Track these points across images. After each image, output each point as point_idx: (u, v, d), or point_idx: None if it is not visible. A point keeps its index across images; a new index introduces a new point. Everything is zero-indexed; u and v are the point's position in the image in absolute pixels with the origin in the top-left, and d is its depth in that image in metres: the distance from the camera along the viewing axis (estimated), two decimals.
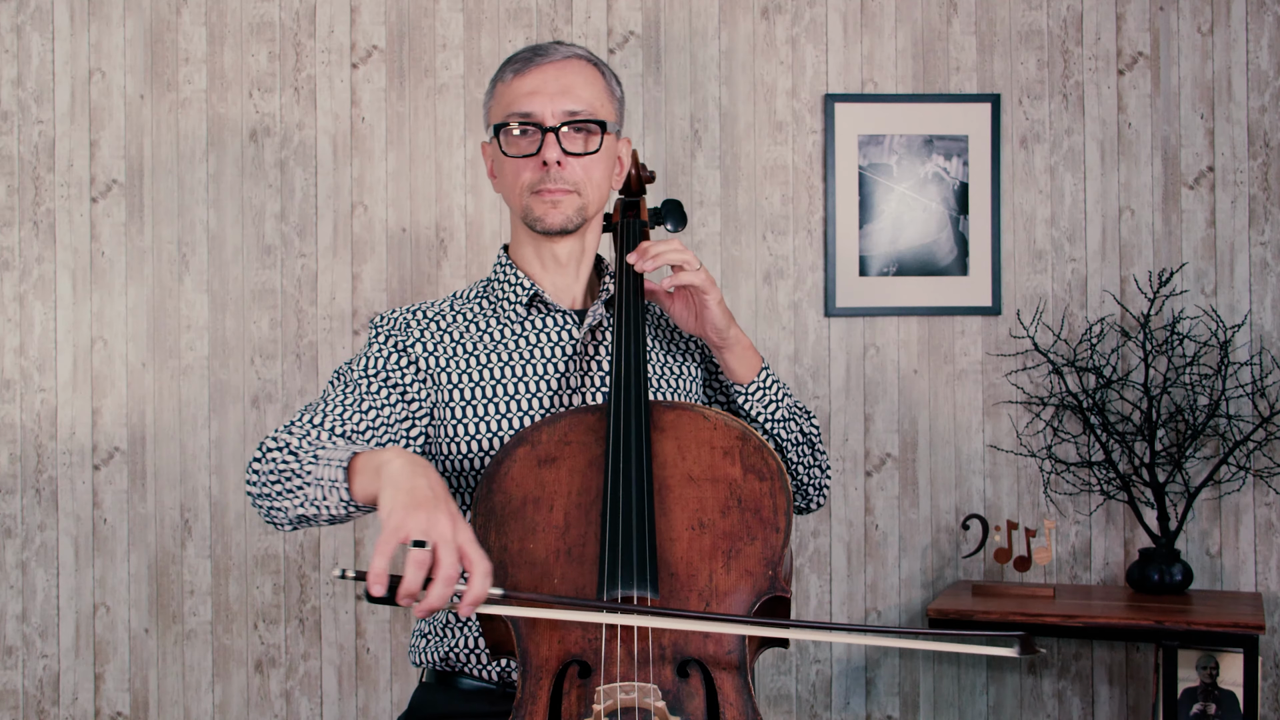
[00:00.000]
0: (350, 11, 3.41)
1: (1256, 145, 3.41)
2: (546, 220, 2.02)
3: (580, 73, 2.02)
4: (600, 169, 2.04)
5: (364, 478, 1.74)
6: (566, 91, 1.99)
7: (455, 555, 1.57)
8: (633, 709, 1.66)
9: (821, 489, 2.23)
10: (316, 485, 1.79)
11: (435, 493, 1.63)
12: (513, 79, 2.01)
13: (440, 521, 1.58)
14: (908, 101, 3.41)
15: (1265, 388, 3.37)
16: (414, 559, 1.55)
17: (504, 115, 2.01)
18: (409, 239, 3.40)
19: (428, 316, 2.08)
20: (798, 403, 2.19)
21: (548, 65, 2.00)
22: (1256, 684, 3.04)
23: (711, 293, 2.02)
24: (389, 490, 1.64)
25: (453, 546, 1.57)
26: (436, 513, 1.59)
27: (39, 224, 3.37)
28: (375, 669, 3.41)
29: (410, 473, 1.66)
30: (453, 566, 1.56)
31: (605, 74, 2.07)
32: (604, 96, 2.04)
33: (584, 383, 2.04)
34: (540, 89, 1.99)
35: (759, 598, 1.76)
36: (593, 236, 2.12)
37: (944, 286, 3.42)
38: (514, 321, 2.07)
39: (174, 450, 3.38)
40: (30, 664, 3.38)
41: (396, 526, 1.58)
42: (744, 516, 1.80)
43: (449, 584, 1.56)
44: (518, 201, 2.04)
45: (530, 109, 1.99)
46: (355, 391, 1.98)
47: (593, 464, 1.84)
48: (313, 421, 1.92)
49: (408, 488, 1.63)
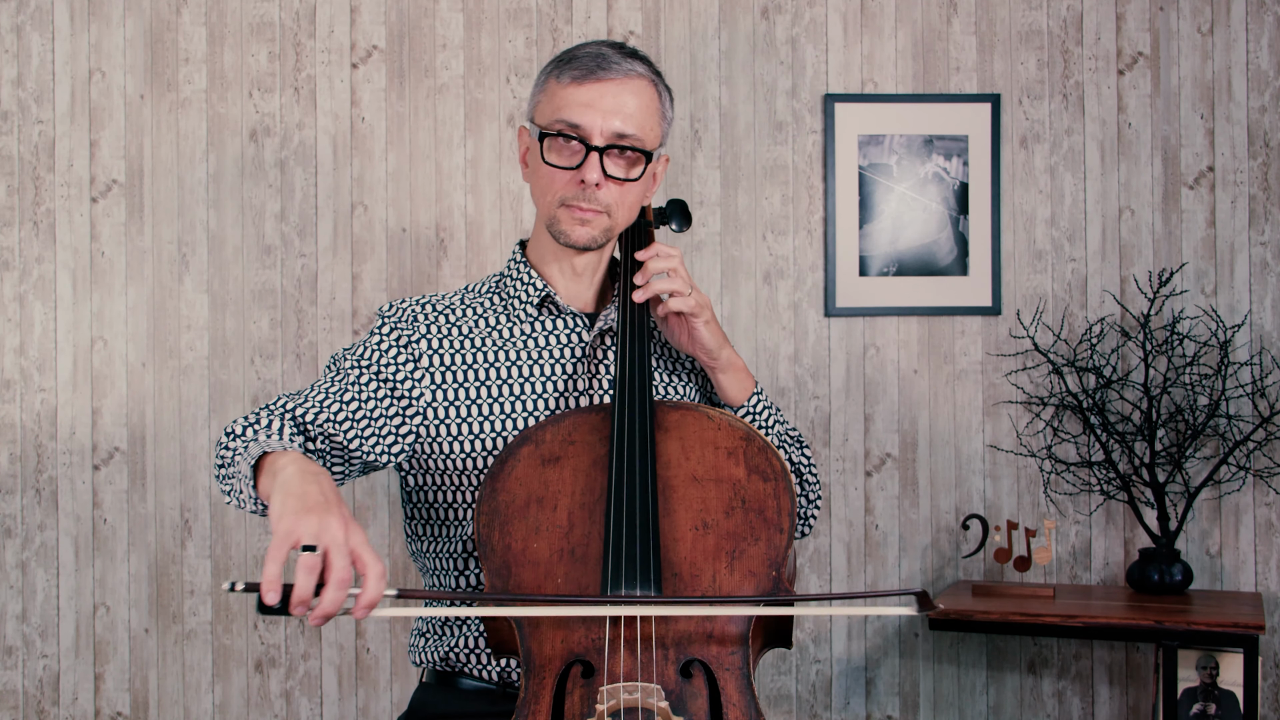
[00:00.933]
0: (350, 11, 3.41)
1: (1256, 145, 3.41)
2: (572, 236, 1.99)
3: (638, 95, 1.97)
4: (635, 195, 2.01)
5: (265, 478, 1.73)
6: (619, 111, 1.95)
7: (347, 558, 1.55)
8: (636, 709, 1.67)
9: (807, 519, 2.21)
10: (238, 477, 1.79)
11: (326, 497, 1.61)
12: (569, 84, 1.96)
13: (331, 525, 1.56)
14: (908, 101, 3.42)
15: (1265, 388, 3.37)
16: (303, 564, 1.52)
17: (552, 119, 1.97)
18: (409, 239, 3.40)
19: (437, 310, 2.07)
20: (790, 430, 2.18)
21: (608, 81, 1.96)
22: (1256, 684, 3.04)
23: (700, 315, 2.01)
24: (279, 495, 1.62)
25: (344, 549, 1.55)
26: (328, 516, 1.57)
27: (39, 224, 3.37)
28: (375, 669, 3.40)
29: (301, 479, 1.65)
30: (344, 570, 1.54)
31: (662, 95, 2.02)
32: (655, 119, 2.00)
33: (590, 385, 2.04)
34: (595, 103, 1.95)
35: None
36: (610, 247, 2.11)
37: (944, 286, 3.43)
38: (524, 321, 2.07)
39: (174, 450, 3.38)
40: (30, 664, 3.37)
41: (287, 531, 1.55)
42: (748, 517, 1.81)
43: (342, 587, 1.53)
44: (547, 210, 2.00)
45: (580, 121, 1.95)
46: (343, 381, 1.97)
47: (597, 464, 1.84)
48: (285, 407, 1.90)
49: (299, 493, 1.61)
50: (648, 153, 1.99)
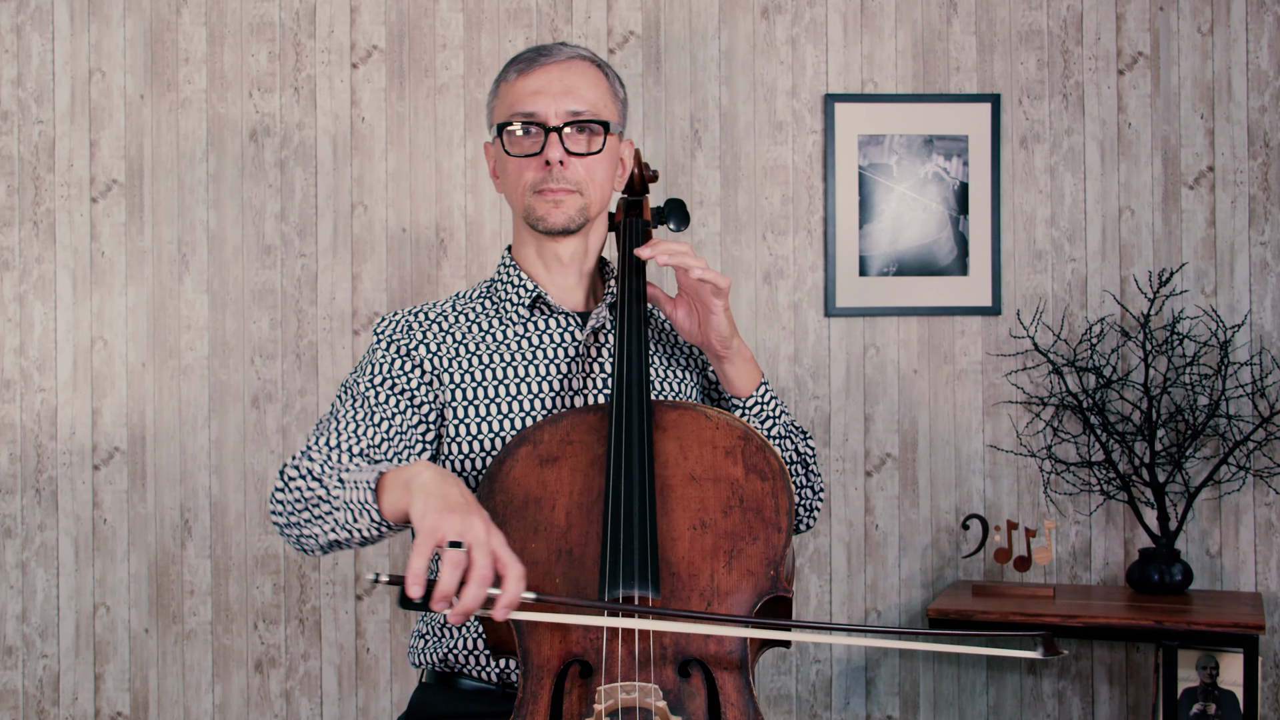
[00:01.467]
0: (350, 11, 3.41)
1: (1256, 145, 3.41)
2: (549, 220, 2.02)
3: (584, 73, 2.03)
4: (603, 169, 2.04)
5: (393, 494, 1.74)
6: (570, 92, 2.00)
7: (489, 557, 1.57)
8: (634, 709, 1.66)
9: (812, 510, 2.22)
10: (346, 509, 1.79)
11: (467, 499, 1.64)
12: (516, 79, 2.02)
13: (475, 524, 1.59)
14: (908, 101, 3.42)
15: (1265, 388, 3.37)
16: (450, 559, 1.55)
17: (507, 114, 2.02)
18: (409, 239, 3.40)
19: (430, 318, 2.08)
20: (794, 421, 2.19)
21: (552, 65, 2.01)
22: (1256, 684, 3.04)
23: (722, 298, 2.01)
24: (421, 497, 1.65)
25: (487, 549, 1.58)
26: (470, 516, 1.60)
27: (39, 224, 3.37)
28: (375, 669, 3.41)
29: (441, 481, 1.67)
30: (487, 568, 1.56)
31: (609, 75, 2.07)
32: (607, 97, 2.05)
33: (586, 384, 2.04)
34: (544, 89, 2.00)
35: (760, 597, 1.76)
36: (595, 237, 2.12)
37: (944, 286, 3.43)
38: (516, 323, 2.07)
39: (174, 450, 3.38)
40: (30, 664, 3.37)
41: (432, 528, 1.58)
42: (746, 516, 1.80)
43: (483, 585, 1.56)
44: (520, 201, 2.04)
45: (534, 108, 2.00)
46: (365, 405, 1.98)
47: (594, 463, 1.84)
48: (329, 443, 1.92)
49: (440, 494, 1.64)
50: (605, 123, 2.01)
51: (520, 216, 2.06)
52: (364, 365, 2.04)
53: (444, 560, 1.55)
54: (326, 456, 1.89)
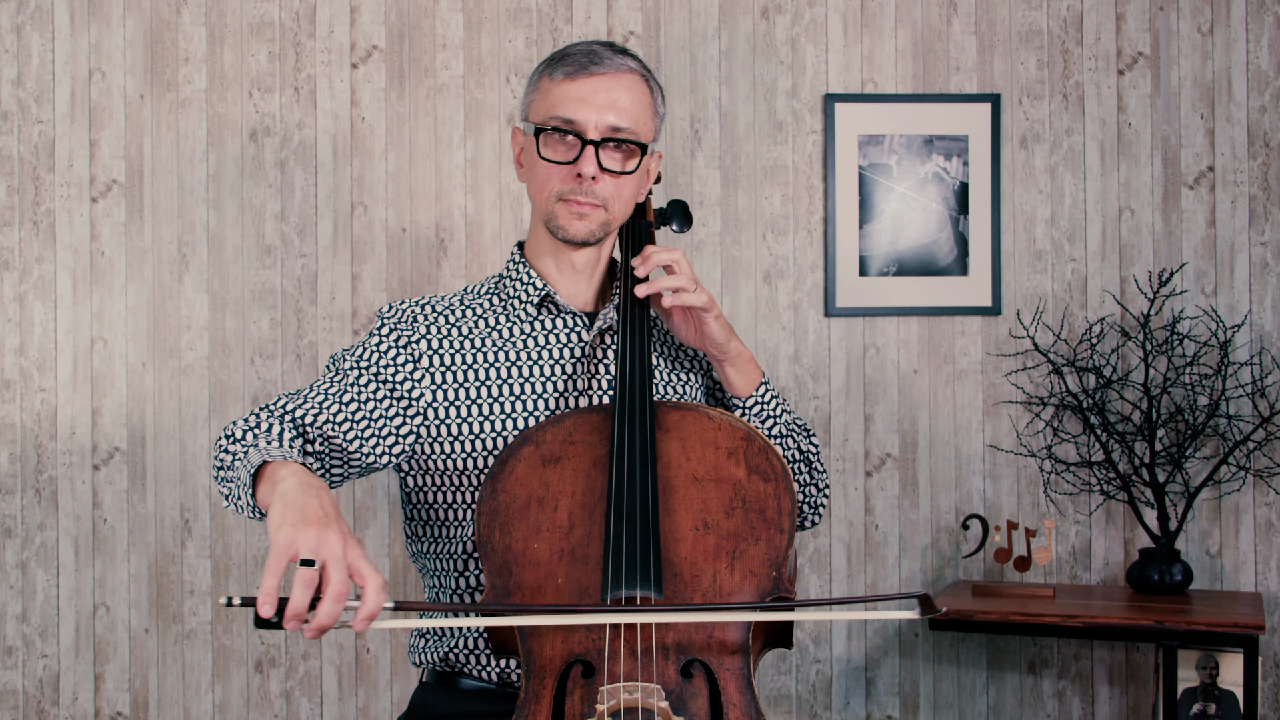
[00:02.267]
0: (350, 11, 3.41)
1: (1256, 145, 3.41)
2: (570, 231, 2.01)
3: (630, 89, 2.00)
4: (631, 187, 2.03)
5: (265, 487, 1.72)
6: (613, 105, 1.98)
7: (345, 572, 1.54)
8: (636, 709, 1.67)
9: (818, 507, 2.22)
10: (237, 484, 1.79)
11: (326, 511, 1.60)
12: (562, 80, 1.99)
13: (330, 539, 1.55)
14: (908, 101, 3.42)
15: (1265, 388, 3.37)
16: (300, 577, 1.51)
17: (546, 115, 1.99)
18: (409, 239, 3.40)
19: (437, 311, 2.08)
20: (797, 419, 2.19)
21: (600, 76, 1.98)
22: (1256, 684, 3.04)
23: (711, 310, 2.02)
24: (278, 506, 1.62)
25: (342, 563, 1.54)
26: (326, 530, 1.56)
27: (39, 224, 3.37)
28: (375, 669, 3.40)
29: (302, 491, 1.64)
30: (342, 584, 1.53)
31: (654, 90, 2.05)
32: (648, 114, 2.03)
33: (590, 385, 2.04)
34: (588, 98, 1.97)
35: (763, 598, 1.76)
36: (609, 244, 2.12)
37: (944, 286, 3.43)
38: (523, 321, 2.07)
39: (174, 450, 3.38)
40: (30, 664, 3.37)
41: (286, 543, 1.55)
42: (748, 517, 1.81)
43: (338, 601, 1.53)
44: (544, 205, 2.02)
45: (575, 116, 1.97)
46: (342, 382, 1.97)
47: (597, 464, 1.84)
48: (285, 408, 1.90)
49: (298, 505, 1.60)
50: (642, 145, 2.00)
51: (541, 219, 2.05)
52: (359, 345, 2.04)
53: (295, 579, 1.51)
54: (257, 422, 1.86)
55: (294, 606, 1.51)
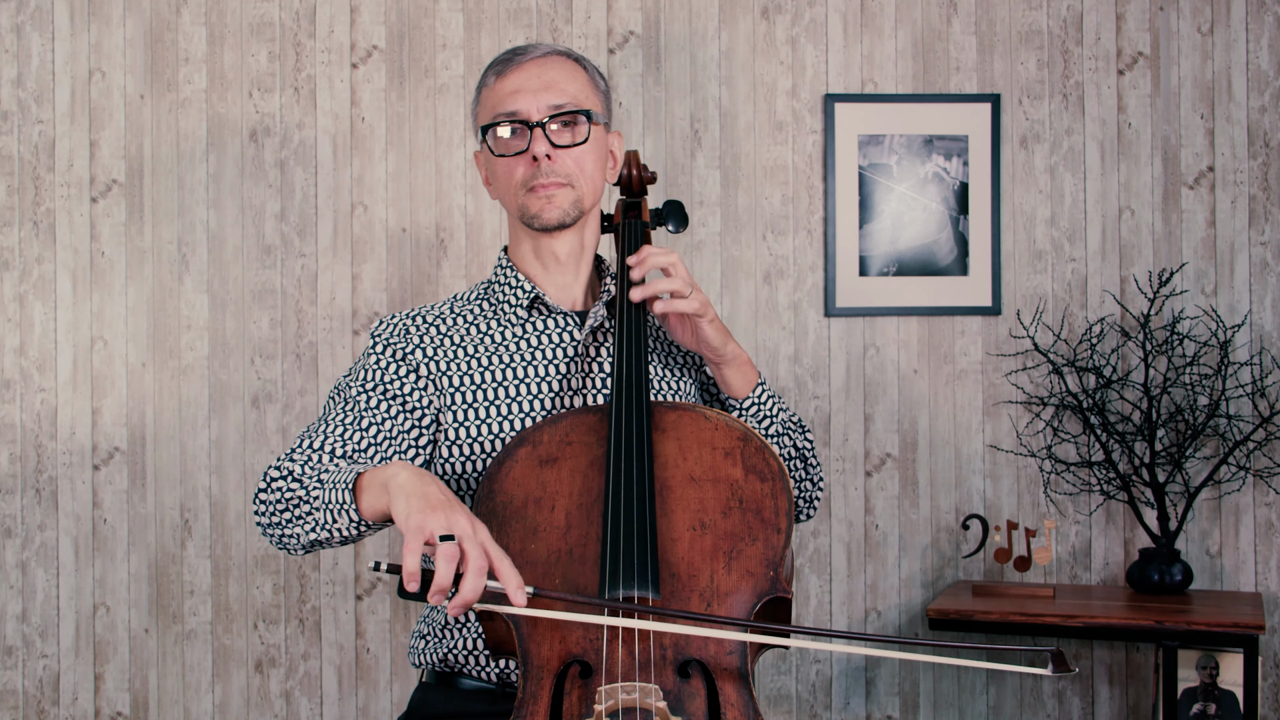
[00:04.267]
0: (350, 11, 3.41)
1: (1256, 145, 3.41)
2: (543, 216, 2.03)
3: (561, 68, 2.04)
4: (591, 159, 2.05)
5: (371, 494, 1.75)
6: (549, 87, 2.02)
7: (480, 549, 1.60)
8: (634, 709, 1.67)
9: (812, 501, 2.24)
10: (325, 509, 1.80)
11: (447, 496, 1.66)
12: (495, 81, 2.04)
13: (459, 520, 1.61)
14: (908, 101, 3.41)
15: (1265, 388, 3.37)
16: (444, 552, 1.58)
17: (490, 117, 2.04)
18: (409, 239, 3.40)
19: (427, 321, 2.08)
20: (792, 416, 2.19)
21: (528, 63, 2.03)
22: (1256, 684, 3.04)
23: (705, 315, 2.02)
24: (401, 498, 1.66)
25: (476, 541, 1.61)
26: (454, 513, 1.62)
27: (39, 224, 3.37)
28: (375, 669, 3.41)
29: (420, 481, 1.68)
30: (480, 558, 1.59)
31: (587, 68, 2.09)
32: (587, 89, 2.06)
33: (585, 384, 2.04)
34: (523, 86, 2.02)
35: (760, 598, 1.76)
36: (591, 234, 2.12)
37: (944, 286, 3.42)
38: (515, 324, 2.07)
39: (174, 450, 3.38)
40: (30, 664, 3.38)
41: (419, 526, 1.60)
42: (745, 517, 1.81)
43: (480, 575, 1.59)
44: (513, 201, 2.05)
45: (515, 107, 2.01)
46: (355, 409, 1.99)
47: (594, 464, 1.84)
48: (313, 446, 1.93)
49: (420, 494, 1.66)
50: (586, 112, 2.03)
51: (515, 216, 2.07)
52: (357, 368, 2.05)
53: (438, 554, 1.57)
54: (308, 458, 1.90)
55: (439, 581, 1.57)
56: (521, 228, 2.08)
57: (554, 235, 2.07)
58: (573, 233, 2.08)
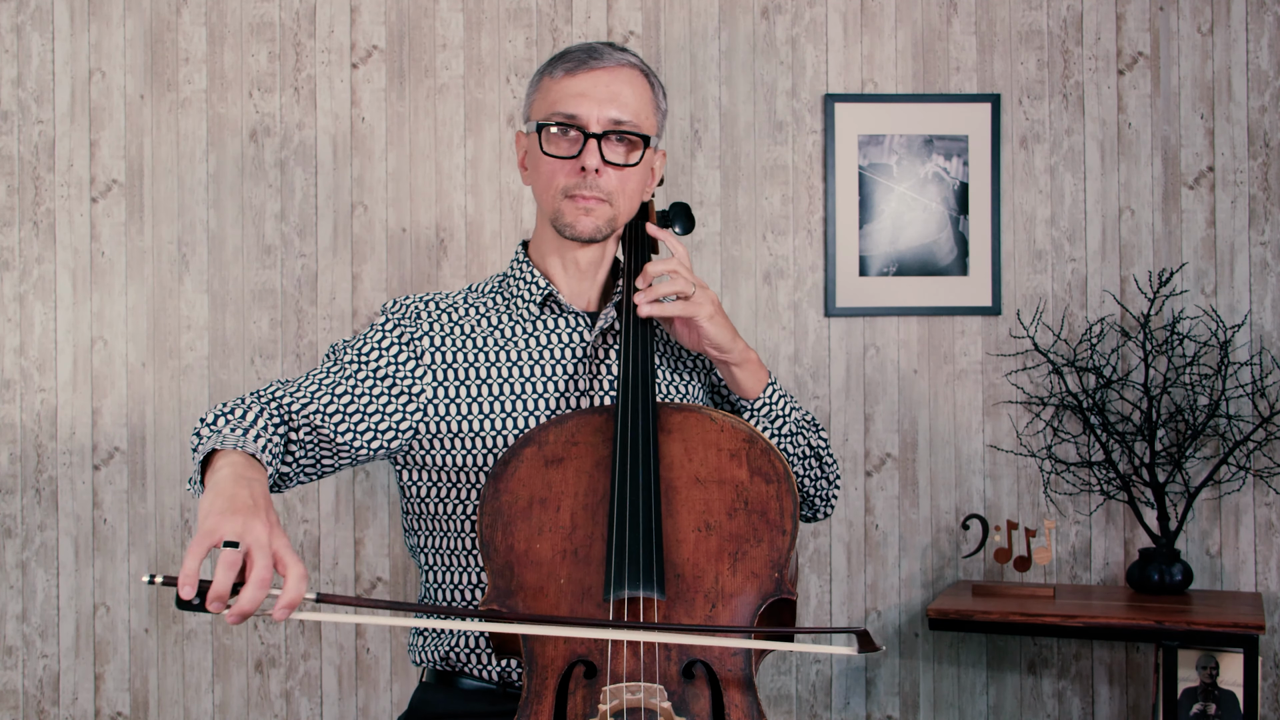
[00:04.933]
0: (350, 11, 3.41)
1: (1256, 145, 3.41)
2: (577, 227, 2.00)
3: (631, 83, 2.01)
4: (635, 181, 2.03)
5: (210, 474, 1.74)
6: (614, 99, 1.98)
7: (269, 559, 1.56)
8: (638, 709, 1.67)
9: (829, 500, 2.22)
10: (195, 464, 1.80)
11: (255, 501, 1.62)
12: (563, 77, 2.00)
13: (255, 526, 1.58)
14: (908, 101, 3.42)
15: (1265, 388, 3.37)
16: (224, 559, 1.54)
17: (548, 112, 2.00)
18: (409, 239, 3.40)
19: (440, 308, 2.07)
20: (806, 415, 2.18)
21: (600, 70, 1.99)
22: (1256, 684, 3.04)
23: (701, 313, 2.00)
24: (210, 494, 1.64)
25: (267, 550, 1.56)
26: (253, 519, 1.58)
27: (39, 224, 3.37)
28: (375, 669, 3.40)
29: (234, 481, 1.66)
30: (265, 569, 1.55)
31: (654, 86, 2.05)
32: (650, 109, 2.03)
33: (592, 385, 2.04)
34: (589, 92, 1.98)
35: (765, 600, 1.77)
36: (613, 243, 2.11)
37: (944, 286, 3.43)
38: (526, 320, 2.07)
39: (174, 450, 3.38)
40: (30, 664, 3.37)
41: (210, 529, 1.57)
42: (751, 519, 1.81)
43: (261, 586, 1.55)
44: (550, 203, 2.02)
45: (576, 111, 1.98)
46: (339, 374, 1.97)
47: (600, 465, 1.84)
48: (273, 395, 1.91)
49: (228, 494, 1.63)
50: (645, 137, 2.00)
51: (547, 217, 2.05)
52: (361, 336, 2.03)
53: (218, 561, 1.54)
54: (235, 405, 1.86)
55: (216, 589, 1.54)
56: (550, 229, 2.06)
57: (581, 246, 2.05)
58: (598, 245, 2.07)
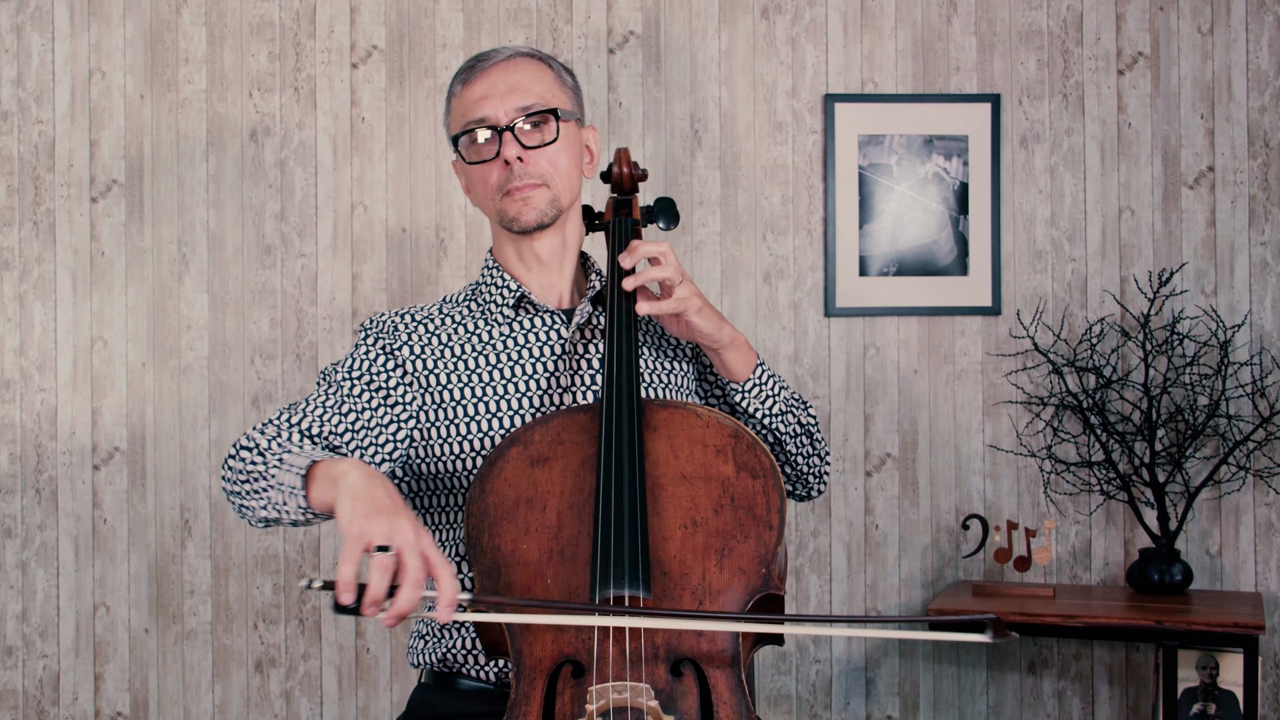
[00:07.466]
0: (350, 11, 3.41)
1: (1256, 145, 3.40)
2: (522, 219, 2.03)
3: (525, 69, 2.04)
4: (565, 157, 2.05)
5: (321, 485, 1.74)
6: (515, 89, 2.02)
7: (420, 559, 1.57)
8: (626, 708, 1.66)
9: (821, 476, 2.23)
10: (278, 489, 1.80)
11: (394, 500, 1.64)
12: (462, 89, 2.05)
13: (403, 527, 1.58)
14: (908, 101, 3.41)
15: (1265, 388, 3.36)
16: (378, 564, 1.54)
17: (460, 126, 2.04)
18: (409, 239, 3.40)
19: (416, 320, 2.09)
20: (794, 394, 2.19)
21: (492, 69, 2.03)
22: (1256, 684, 3.03)
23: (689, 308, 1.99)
24: (347, 500, 1.65)
25: (417, 550, 1.57)
26: (398, 519, 1.59)
27: (39, 224, 3.38)
28: (375, 669, 3.41)
29: (368, 482, 1.67)
30: (419, 569, 1.56)
31: (552, 66, 2.09)
32: (554, 86, 2.06)
33: (574, 381, 2.04)
34: (489, 92, 2.02)
35: (752, 595, 1.76)
36: (573, 231, 2.12)
37: (944, 286, 3.42)
38: (502, 323, 2.08)
39: (174, 450, 3.39)
40: (30, 664, 3.38)
41: (359, 533, 1.58)
42: (737, 514, 1.80)
43: (417, 587, 1.55)
44: (491, 207, 2.06)
45: (483, 113, 2.01)
46: (337, 394, 1.99)
47: (585, 463, 1.84)
48: (289, 421, 1.93)
49: (366, 496, 1.64)
50: (553, 110, 2.02)
51: (495, 222, 2.08)
52: (346, 358, 2.06)
53: (373, 566, 1.54)
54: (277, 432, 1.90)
55: (373, 593, 1.54)
56: (502, 231, 2.09)
57: (534, 236, 2.07)
58: (553, 232, 2.08)
